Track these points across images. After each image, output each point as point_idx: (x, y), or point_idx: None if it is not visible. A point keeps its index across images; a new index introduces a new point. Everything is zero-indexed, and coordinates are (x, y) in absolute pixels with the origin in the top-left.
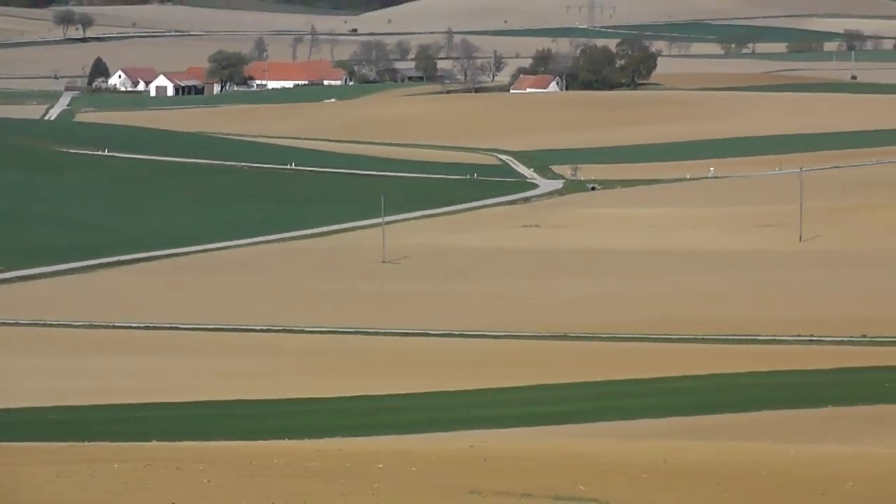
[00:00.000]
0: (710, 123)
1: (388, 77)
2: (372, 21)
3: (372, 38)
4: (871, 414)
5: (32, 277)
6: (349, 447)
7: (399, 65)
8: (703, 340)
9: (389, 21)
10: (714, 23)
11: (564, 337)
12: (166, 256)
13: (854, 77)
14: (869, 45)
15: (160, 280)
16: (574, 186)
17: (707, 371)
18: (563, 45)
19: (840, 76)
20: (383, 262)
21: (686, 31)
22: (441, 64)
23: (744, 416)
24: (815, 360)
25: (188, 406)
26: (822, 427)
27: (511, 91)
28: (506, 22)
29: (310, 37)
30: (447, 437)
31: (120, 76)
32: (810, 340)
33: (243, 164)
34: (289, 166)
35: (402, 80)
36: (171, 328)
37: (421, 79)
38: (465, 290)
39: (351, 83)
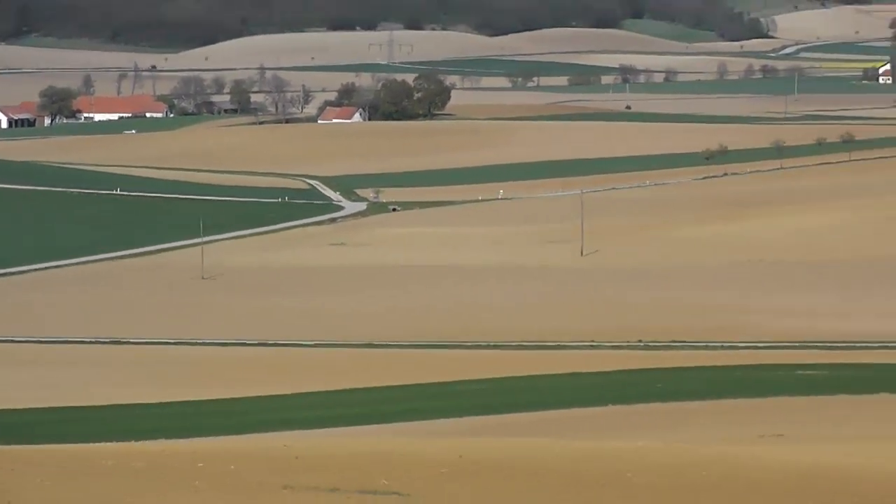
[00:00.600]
0: (499, 150)
1: (205, 110)
2: (190, 58)
3: (191, 73)
4: (646, 411)
5: None
6: (171, 448)
7: (216, 98)
8: (495, 347)
9: (206, 58)
10: (502, 59)
11: (369, 345)
12: None
13: (628, 107)
14: (641, 78)
15: None
16: (376, 208)
17: (498, 375)
18: (365, 80)
19: (616, 106)
20: (203, 278)
21: (476, 66)
22: (254, 97)
23: (532, 415)
24: (596, 363)
25: (21, 413)
26: (604, 424)
27: (318, 122)
28: (313, 59)
29: (133, 73)
30: (263, 437)
31: None
32: (591, 346)
33: (73, 189)
34: (115, 191)
35: (219, 113)
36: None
37: (235, 111)
38: (278, 304)
39: (171, 115)
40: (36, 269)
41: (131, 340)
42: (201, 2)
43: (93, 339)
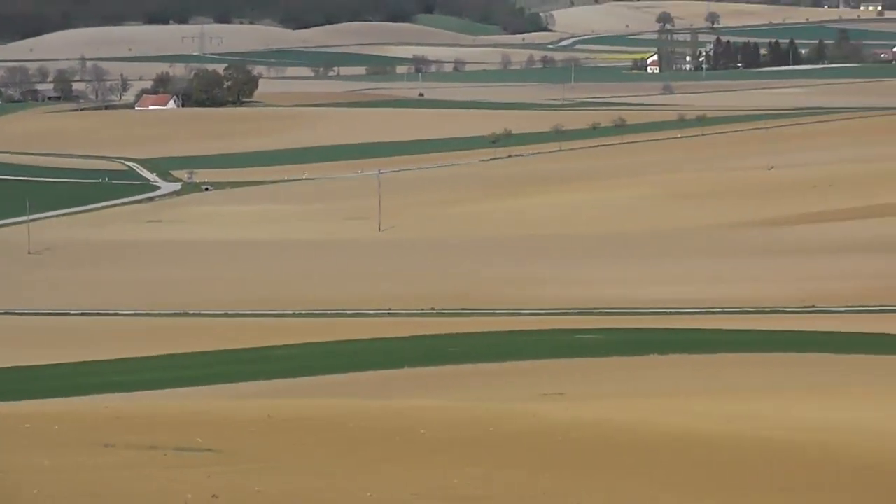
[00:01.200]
0: (304, 134)
1: (30, 97)
2: (16, 50)
3: (17, 63)
4: (438, 373)
5: None
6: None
7: (40, 86)
8: (301, 315)
9: (31, 50)
10: (305, 50)
11: (184, 314)
12: None
13: (421, 94)
14: (433, 68)
15: None
16: (190, 188)
17: (305, 340)
18: (179, 70)
19: (410, 94)
20: (29, 253)
21: (281, 57)
22: (76, 86)
23: (336, 377)
24: (393, 329)
25: None
26: (401, 385)
27: (136, 108)
28: (130, 50)
29: None
30: (85, 400)
31: None
32: (389, 313)
33: None
34: None
35: (43, 100)
36: None
37: (59, 98)
38: (99, 276)
39: None
40: None
41: None
42: None
43: None
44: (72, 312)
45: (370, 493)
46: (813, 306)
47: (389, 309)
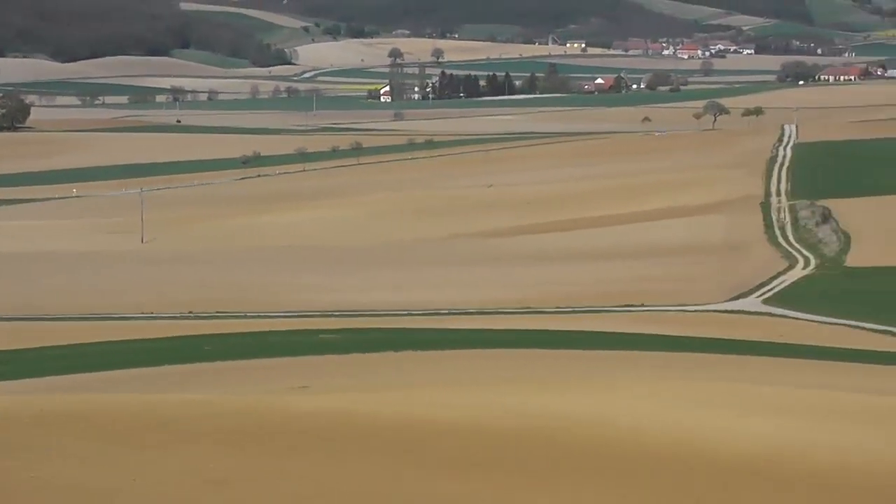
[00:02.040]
0: (73, 156)
1: None
2: None
3: None
4: (196, 370)
5: None
6: None
7: None
8: (68, 319)
9: None
10: (73, 81)
11: None
12: None
13: (178, 121)
14: (189, 97)
15: None
16: None
17: (72, 342)
18: None
19: (168, 120)
20: None
21: (52, 87)
22: None
23: (101, 374)
24: (154, 331)
25: None
26: (163, 381)
27: None
28: None
29: None
30: None
31: None
32: (150, 317)
33: None
34: None
35: None
36: None
37: None
38: None
39: None
40: None
41: None
42: None
43: None
44: None
45: (135, 479)
46: (528, 308)
47: (151, 313)
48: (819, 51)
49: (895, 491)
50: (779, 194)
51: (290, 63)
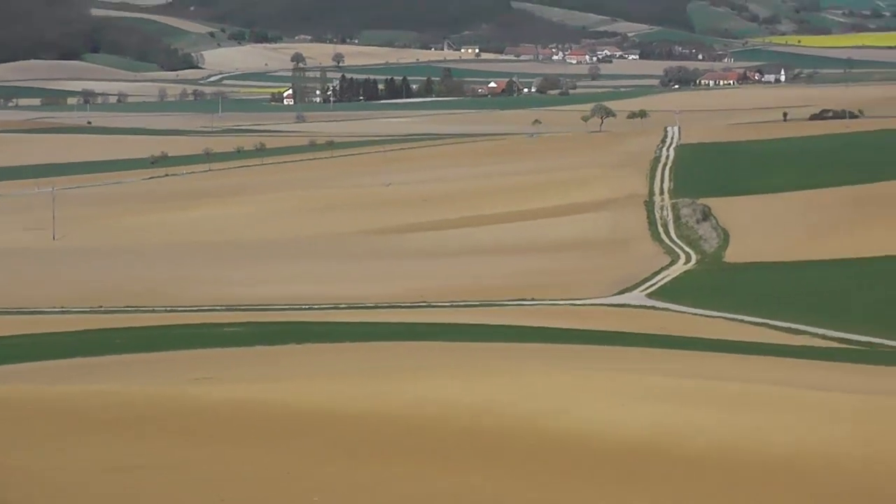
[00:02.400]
0: None
1: None
2: None
3: None
4: (105, 362)
5: None
6: None
7: None
8: None
9: None
10: None
11: None
12: None
13: (89, 122)
14: (100, 100)
15: None
16: None
17: None
18: None
19: (80, 122)
20: None
21: None
22: None
23: (14, 366)
24: (66, 325)
25: None
26: (72, 372)
27: None
28: None
29: None
30: None
31: None
32: (62, 311)
33: None
34: None
35: None
36: None
37: None
38: None
39: None
40: None
41: None
42: None
43: None
44: None
45: (40, 466)
46: (424, 301)
47: (63, 307)
48: (700, 56)
49: (759, 467)
50: (662, 193)
51: (196, 67)
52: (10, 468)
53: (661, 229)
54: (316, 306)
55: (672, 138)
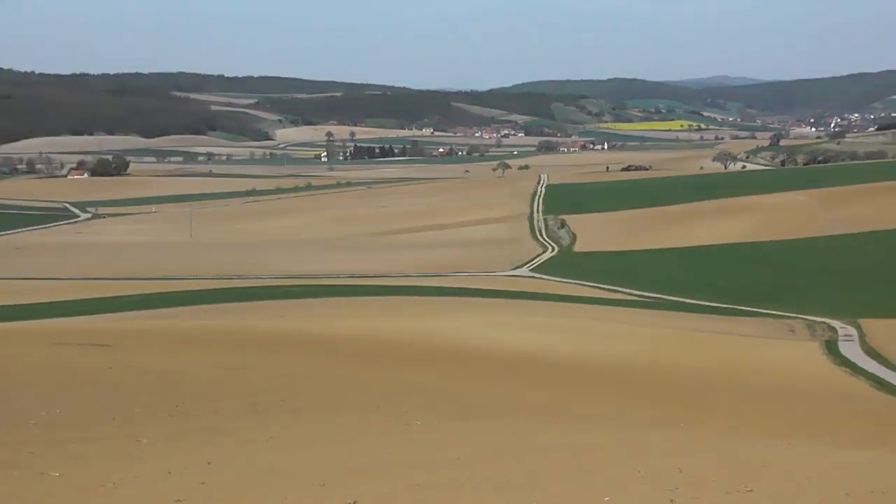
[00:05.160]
0: (152, 190)
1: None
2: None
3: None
4: (224, 308)
5: None
6: None
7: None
8: (150, 280)
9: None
10: (152, 149)
11: None
12: None
13: (211, 171)
14: (217, 158)
15: None
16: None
17: (148, 292)
18: None
19: (205, 170)
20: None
21: (140, 153)
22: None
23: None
24: (198, 286)
25: None
26: (201, 314)
27: None
28: None
29: None
30: None
31: None
32: (195, 278)
33: None
34: None
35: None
36: None
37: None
38: (47, 261)
39: None
40: None
41: None
42: None
43: None
44: (32, 278)
45: None
46: (403, 273)
47: (195, 275)
48: (558, 134)
49: (591, 370)
50: (538, 212)
51: (270, 139)
52: (170, 367)
53: (537, 233)
54: (340, 276)
55: (543, 181)
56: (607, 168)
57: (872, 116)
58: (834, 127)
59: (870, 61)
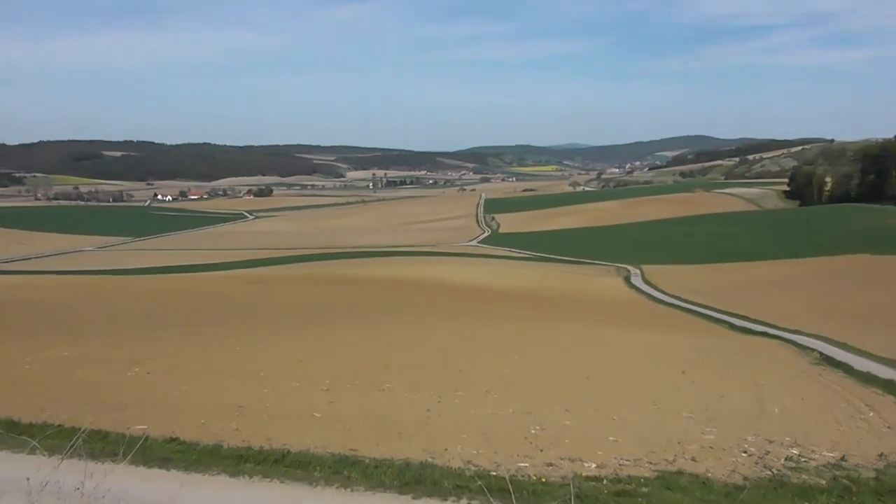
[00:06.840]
0: (287, 202)
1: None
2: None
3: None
4: (313, 265)
5: None
6: None
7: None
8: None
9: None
10: (280, 182)
11: None
12: None
13: (314, 194)
14: (317, 187)
15: None
16: None
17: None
18: None
19: (312, 194)
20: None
21: (274, 186)
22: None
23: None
24: (296, 253)
25: None
26: (298, 269)
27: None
28: None
29: None
30: None
31: None
32: (300, 249)
33: None
34: None
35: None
36: None
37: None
38: (209, 241)
39: None
40: None
41: None
42: None
43: None
44: (223, 249)
45: None
46: (413, 246)
47: (299, 249)
48: (490, 174)
49: (531, 299)
50: (480, 212)
51: (342, 177)
52: (299, 295)
53: (482, 223)
54: (381, 248)
55: (483, 197)
56: (515, 190)
57: (647, 163)
58: (628, 168)
59: (645, 134)
